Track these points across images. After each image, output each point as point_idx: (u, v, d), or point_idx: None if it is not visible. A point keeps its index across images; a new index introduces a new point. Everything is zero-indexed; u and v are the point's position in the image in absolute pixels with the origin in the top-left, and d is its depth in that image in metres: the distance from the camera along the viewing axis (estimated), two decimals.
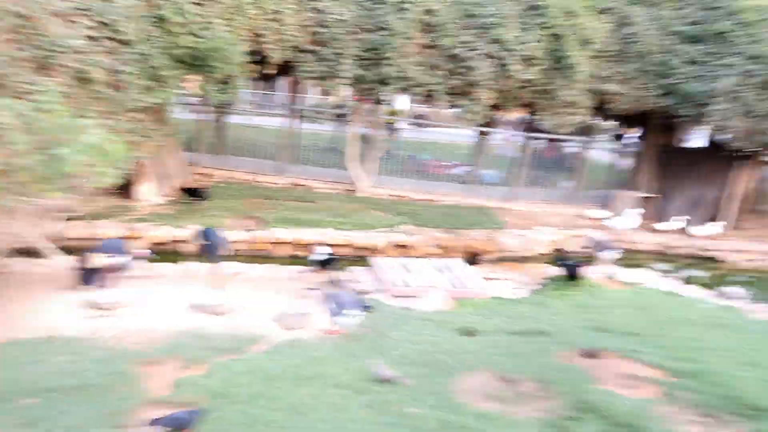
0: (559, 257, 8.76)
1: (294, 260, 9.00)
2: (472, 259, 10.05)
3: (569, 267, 8.27)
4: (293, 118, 14.05)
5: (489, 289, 7.80)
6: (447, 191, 13.58)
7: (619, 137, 17.78)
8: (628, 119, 14.07)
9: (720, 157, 13.08)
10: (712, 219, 12.78)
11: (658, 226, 12.36)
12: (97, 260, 6.28)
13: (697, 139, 13.88)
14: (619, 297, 7.85)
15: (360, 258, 9.39)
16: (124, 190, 9.73)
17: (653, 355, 5.75)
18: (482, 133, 13.67)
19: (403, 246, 9.84)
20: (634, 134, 15.62)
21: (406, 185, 13.50)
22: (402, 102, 21.94)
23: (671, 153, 14.13)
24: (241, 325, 5.72)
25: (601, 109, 12.42)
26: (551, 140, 15.54)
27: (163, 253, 8.53)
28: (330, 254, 7.80)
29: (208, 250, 6.57)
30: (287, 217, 10.00)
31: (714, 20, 11.41)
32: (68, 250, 7.26)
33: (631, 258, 11.73)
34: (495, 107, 11.77)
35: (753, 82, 10.76)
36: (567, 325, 6.53)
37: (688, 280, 9.81)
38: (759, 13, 11.19)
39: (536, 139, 14.90)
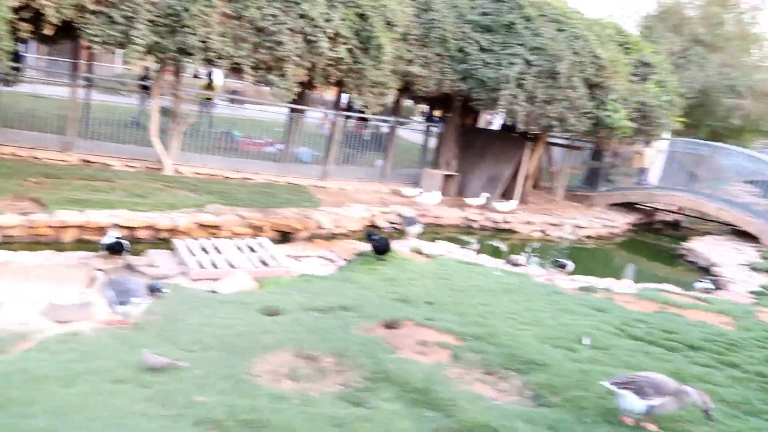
0: (369, 233, 8.94)
1: (83, 245, 8.06)
2: (285, 237, 9.90)
3: (378, 242, 8.48)
4: (85, 88, 12.59)
5: (297, 267, 7.70)
6: (261, 169, 13.23)
7: (430, 118, 18.80)
8: (433, 101, 14.90)
9: (512, 138, 14.45)
10: (506, 195, 14.08)
11: (468, 200, 13.29)
12: None
13: (498, 121, 15.17)
14: (423, 269, 8.23)
15: (162, 241, 8.71)
16: None
17: (447, 321, 6.09)
18: (296, 110, 13.49)
19: (211, 227, 9.33)
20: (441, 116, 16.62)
21: (218, 163, 12.89)
22: (217, 76, 20.92)
23: (471, 134, 15.28)
24: (0, 322, 4.91)
25: (407, 90, 12.93)
26: (364, 119, 15.91)
27: None
28: (119, 238, 7.07)
29: None
30: (74, 198, 8.90)
31: (502, 12, 12.44)
32: None
33: (438, 232, 12.49)
34: (305, 84, 11.63)
35: (534, 71, 11.96)
36: (372, 298, 6.66)
37: (485, 251, 10.68)
38: (538, 9, 12.45)
39: (351, 117, 15.12)
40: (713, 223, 16.29)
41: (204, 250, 7.58)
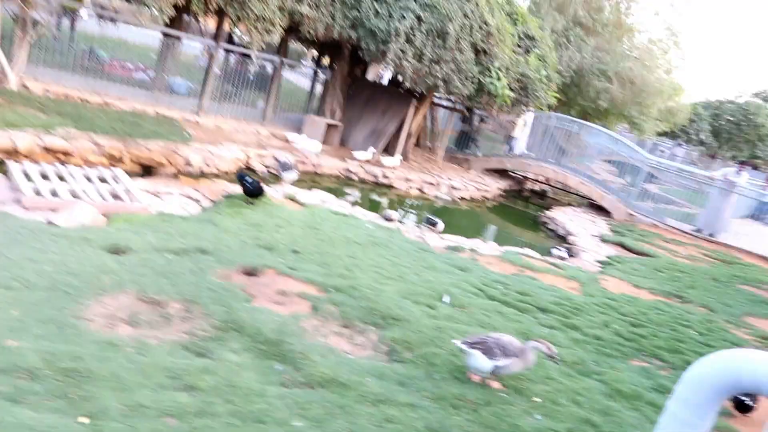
0: (240, 174, 8.41)
1: None
2: (147, 172, 9.13)
3: (250, 185, 8.01)
4: None
5: (155, 204, 7.07)
6: (127, 96, 12.04)
7: (319, 63, 18.11)
8: (321, 46, 14.32)
9: (399, 94, 14.33)
10: (387, 150, 14.04)
11: (355, 153, 13.05)
12: None
13: (388, 75, 14.93)
14: (294, 217, 7.94)
15: None
16: None
17: (310, 271, 5.90)
18: (171, 36, 12.35)
19: (59, 152, 8.31)
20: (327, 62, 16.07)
21: (77, 83, 11.52)
22: None
23: (358, 85, 14.96)
24: None
25: (295, 31, 12.27)
26: (247, 56, 14.97)
27: None
28: None
29: None
30: None
31: None
32: None
33: (316, 180, 12.20)
34: (182, 9, 10.61)
35: (424, 28, 11.80)
36: (234, 243, 6.29)
37: (361, 204, 10.56)
38: None
39: (233, 52, 14.16)
40: (575, 195, 17.49)
41: (45, 176, 6.71)
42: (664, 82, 22.37)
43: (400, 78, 13.01)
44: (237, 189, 8.30)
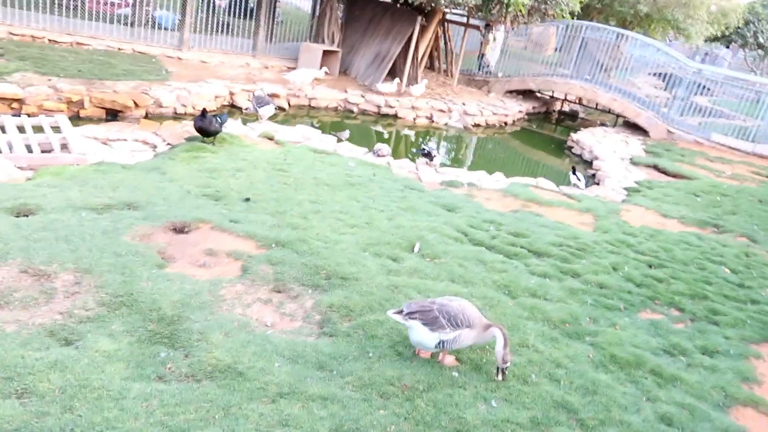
0: (202, 114, 7.50)
1: None
2: (114, 116, 8.38)
3: (199, 121, 7.09)
4: None
5: (97, 154, 6.31)
6: (104, 34, 11.17)
7: None
8: None
9: (403, 12, 12.90)
10: (393, 75, 12.81)
11: (380, 87, 11.96)
12: None
13: None
14: (261, 158, 7.07)
15: None
16: None
17: (256, 223, 5.08)
18: None
19: (10, 100, 7.63)
20: None
21: (45, 24, 10.69)
22: None
23: (358, 4, 13.57)
24: None
25: None
26: None
27: None
28: None
29: None
30: None
31: None
32: None
33: (312, 114, 11.24)
34: None
35: None
36: (174, 193, 5.50)
37: (354, 138, 9.53)
38: None
39: None
40: (611, 114, 15.86)
41: None
42: None
43: None
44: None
